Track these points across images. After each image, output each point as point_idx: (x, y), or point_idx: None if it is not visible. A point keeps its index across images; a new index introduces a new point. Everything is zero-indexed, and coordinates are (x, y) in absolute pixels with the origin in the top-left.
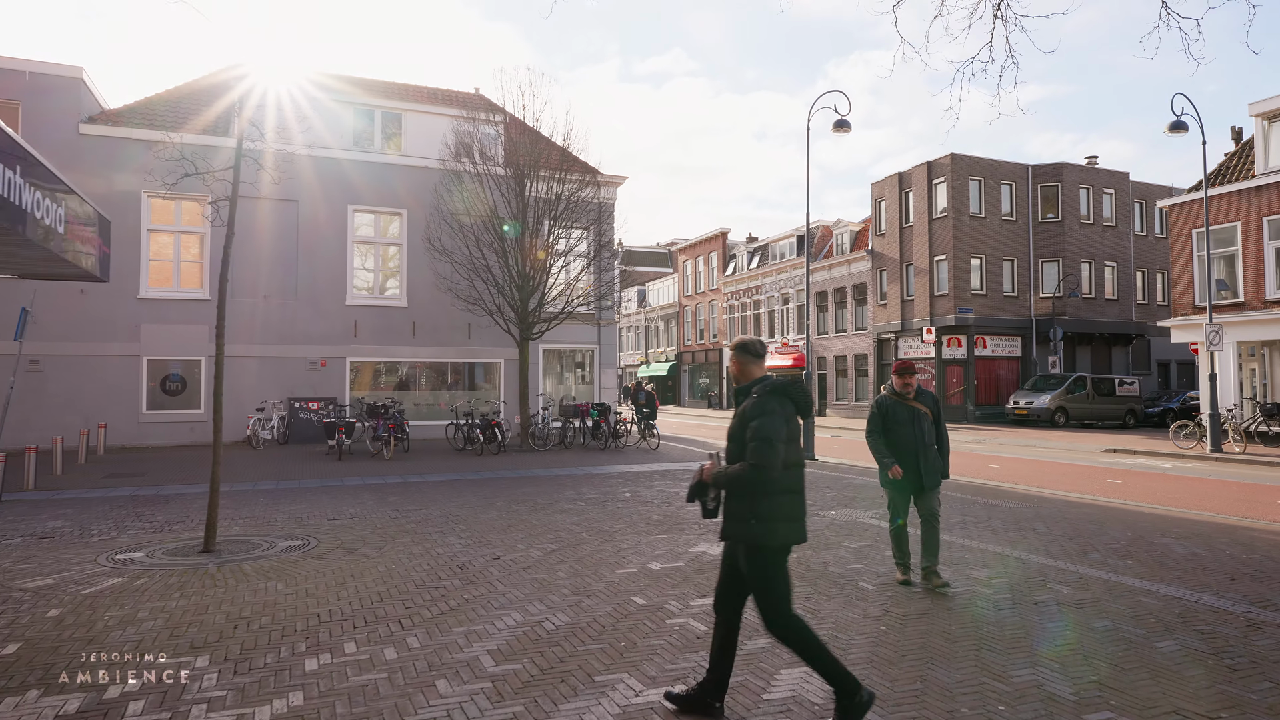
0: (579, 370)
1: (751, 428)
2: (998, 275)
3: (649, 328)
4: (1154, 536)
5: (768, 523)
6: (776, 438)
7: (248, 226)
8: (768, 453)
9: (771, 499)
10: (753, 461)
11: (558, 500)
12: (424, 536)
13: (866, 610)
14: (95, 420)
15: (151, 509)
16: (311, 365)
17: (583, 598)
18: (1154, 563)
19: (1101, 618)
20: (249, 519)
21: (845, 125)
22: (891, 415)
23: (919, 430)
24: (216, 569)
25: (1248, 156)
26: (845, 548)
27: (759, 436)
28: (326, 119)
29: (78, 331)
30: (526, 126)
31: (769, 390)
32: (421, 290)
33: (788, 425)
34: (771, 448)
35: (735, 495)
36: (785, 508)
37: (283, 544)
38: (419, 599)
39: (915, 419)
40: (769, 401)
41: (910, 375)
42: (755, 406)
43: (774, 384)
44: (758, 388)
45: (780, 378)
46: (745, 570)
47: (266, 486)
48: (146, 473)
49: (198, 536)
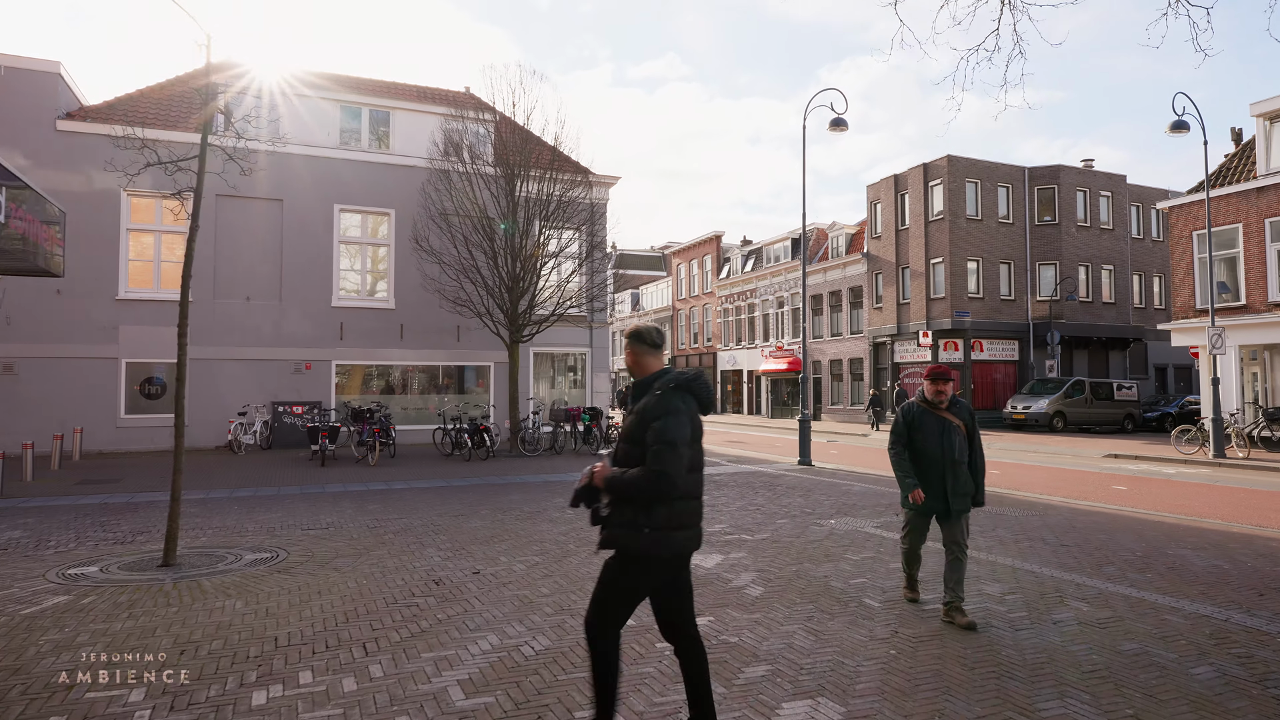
0: (571, 374)
1: (653, 429)
2: (994, 278)
3: None
4: (1169, 547)
5: (663, 532)
6: (680, 440)
7: (231, 225)
8: (671, 458)
9: (670, 506)
10: (655, 467)
11: (545, 508)
12: (401, 548)
13: (874, 631)
14: (71, 425)
15: (118, 518)
16: (296, 368)
17: (566, 617)
18: (1174, 576)
19: (1128, 639)
20: (219, 529)
21: (842, 124)
22: (919, 426)
23: (949, 445)
24: (173, 585)
25: (1248, 157)
26: (847, 560)
27: (662, 440)
28: (313, 116)
29: (54, 333)
30: (517, 125)
31: (671, 386)
32: (410, 292)
33: (692, 425)
34: (675, 452)
35: (629, 501)
36: (683, 515)
37: (249, 556)
38: (388, 619)
39: (946, 432)
40: (672, 399)
41: (945, 382)
42: (657, 405)
43: (677, 379)
44: (659, 383)
45: (682, 372)
46: (609, 573)
47: (244, 494)
48: (121, 479)
49: (160, 549)
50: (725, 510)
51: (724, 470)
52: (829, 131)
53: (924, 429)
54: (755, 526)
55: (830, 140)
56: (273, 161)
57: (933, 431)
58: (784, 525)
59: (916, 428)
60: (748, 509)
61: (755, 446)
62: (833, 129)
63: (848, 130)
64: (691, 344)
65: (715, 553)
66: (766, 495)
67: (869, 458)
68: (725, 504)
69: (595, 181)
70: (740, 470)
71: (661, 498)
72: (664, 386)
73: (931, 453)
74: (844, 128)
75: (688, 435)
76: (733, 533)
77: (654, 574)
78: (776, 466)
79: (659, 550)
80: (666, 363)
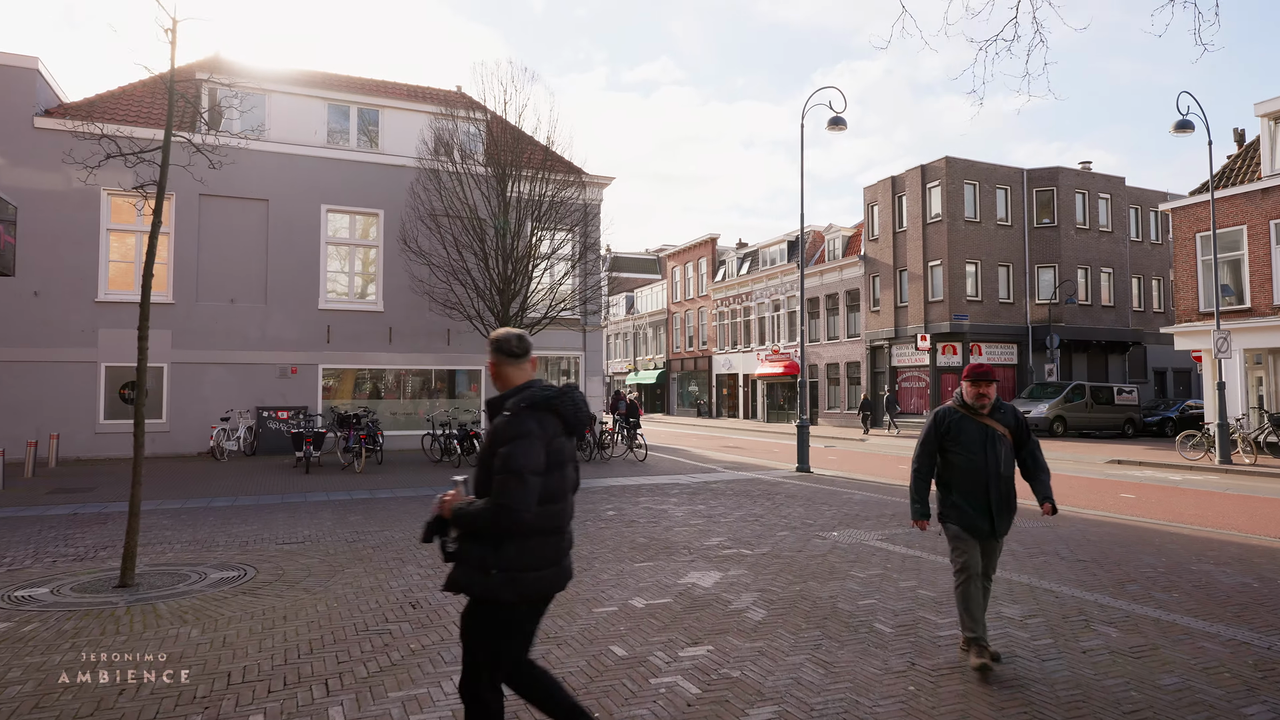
0: (564, 378)
1: (500, 455)
2: (993, 281)
3: (637, 335)
4: (1191, 562)
5: (512, 573)
6: (530, 468)
7: (214, 226)
8: (517, 491)
9: (522, 544)
10: (498, 500)
11: None
12: (379, 565)
13: (888, 663)
14: (48, 430)
15: (84, 531)
16: (282, 372)
17: (552, 647)
18: (1203, 596)
19: (1166, 671)
20: (189, 542)
21: (840, 123)
22: (957, 435)
23: (994, 456)
24: (125, 610)
25: (1252, 158)
26: (854, 578)
27: (508, 468)
28: (299, 114)
29: (30, 336)
30: (508, 124)
31: (527, 405)
32: (399, 294)
33: (550, 450)
34: (523, 483)
35: (475, 538)
36: (538, 553)
37: (215, 575)
38: (357, 650)
39: (990, 441)
40: (525, 421)
41: (987, 384)
42: (507, 427)
43: (535, 396)
44: (513, 401)
45: (546, 387)
46: (468, 623)
47: (221, 503)
48: (96, 487)
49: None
50: (723, 521)
51: (721, 477)
52: (827, 131)
53: (963, 439)
54: (755, 539)
55: (824, 144)
56: (258, 160)
57: (974, 441)
58: (785, 538)
59: (953, 438)
60: (746, 520)
61: (752, 452)
62: (831, 128)
63: (846, 129)
64: (687, 348)
65: (713, 569)
66: (765, 504)
67: (869, 464)
68: (723, 514)
69: (589, 182)
70: (737, 477)
71: (509, 534)
72: (517, 405)
73: (974, 466)
74: (843, 126)
75: (540, 462)
76: (731, 546)
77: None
78: (774, 473)
79: (507, 594)
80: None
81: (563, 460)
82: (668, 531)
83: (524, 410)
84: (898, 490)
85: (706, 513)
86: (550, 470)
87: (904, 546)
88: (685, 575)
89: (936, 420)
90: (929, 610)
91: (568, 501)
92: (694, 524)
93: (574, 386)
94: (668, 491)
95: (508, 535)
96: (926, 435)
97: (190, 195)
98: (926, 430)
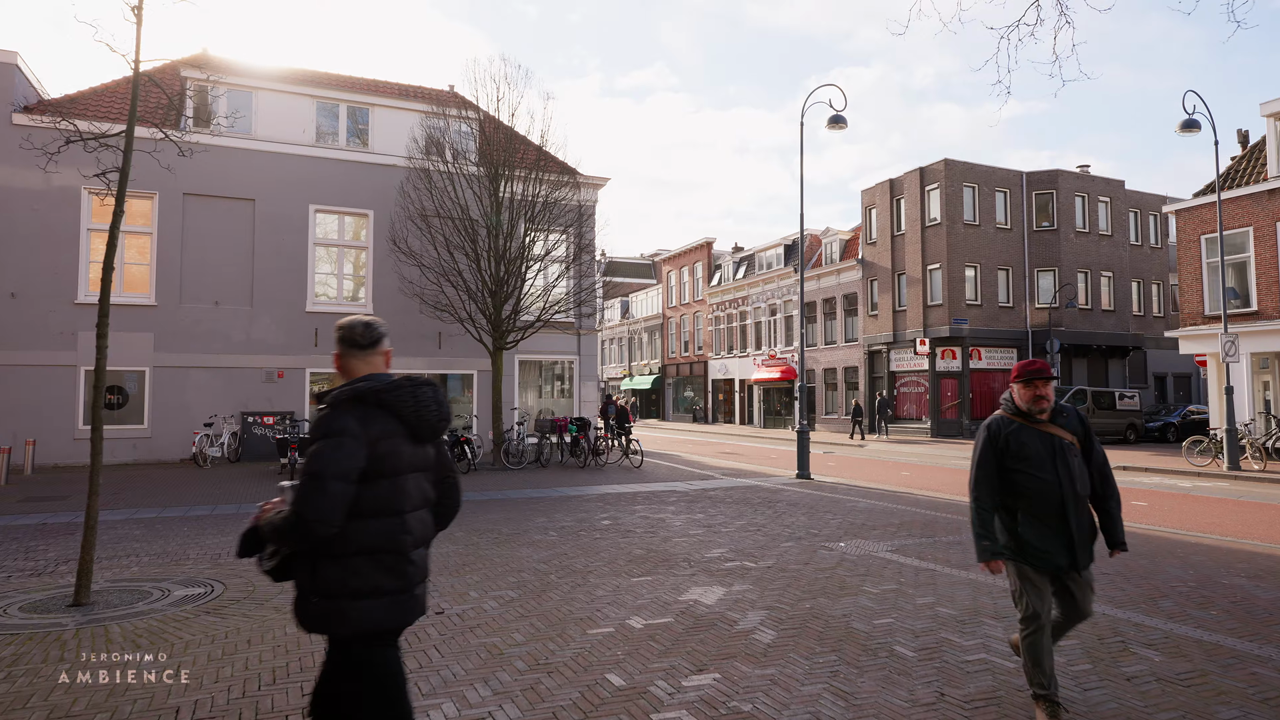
0: (558, 383)
1: (307, 455)
2: (993, 285)
3: (632, 340)
4: (1221, 575)
5: (337, 601)
6: (334, 473)
7: (199, 226)
8: (315, 497)
9: (341, 564)
10: (293, 508)
11: (526, 529)
12: None
13: (914, 693)
14: (24, 436)
15: (49, 542)
16: (268, 377)
17: (542, 675)
18: (1242, 614)
19: (1222, 702)
20: (157, 555)
21: (841, 121)
22: (1016, 448)
23: (1065, 470)
24: (75, 633)
25: (1257, 159)
26: (866, 594)
27: (307, 471)
28: (288, 112)
29: (7, 339)
30: (501, 123)
31: (349, 397)
32: (389, 297)
33: (376, 455)
34: (322, 489)
35: (297, 557)
36: (366, 577)
37: (179, 593)
38: None
39: (1058, 453)
40: (341, 417)
41: (1045, 384)
42: (321, 422)
43: (360, 388)
44: (334, 393)
45: (376, 378)
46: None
47: (200, 512)
48: (69, 496)
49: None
50: (724, 531)
51: (719, 484)
52: (826, 130)
53: (1026, 452)
54: (758, 551)
55: (817, 150)
56: (244, 159)
57: (1041, 455)
58: (789, 549)
59: (1014, 453)
60: (748, 529)
61: (750, 458)
62: (831, 126)
63: (847, 127)
64: (682, 353)
65: (716, 584)
66: (767, 513)
67: (870, 470)
68: (723, 524)
69: (583, 182)
70: (736, 484)
71: (319, 551)
72: (337, 400)
73: (1044, 486)
74: (843, 125)
75: (351, 466)
76: (734, 558)
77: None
78: (774, 480)
79: (334, 627)
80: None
81: (398, 468)
82: (666, 542)
83: (344, 404)
84: (903, 498)
85: (706, 522)
86: (376, 478)
87: (916, 559)
88: (686, 591)
89: (991, 434)
90: (951, 630)
91: (410, 519)
92: (693, 534)
93: (426, 381)
94: (665, 499)
95: (325, 555)
96: (982, 454)
97: (174, 194)
98: (981, 448)
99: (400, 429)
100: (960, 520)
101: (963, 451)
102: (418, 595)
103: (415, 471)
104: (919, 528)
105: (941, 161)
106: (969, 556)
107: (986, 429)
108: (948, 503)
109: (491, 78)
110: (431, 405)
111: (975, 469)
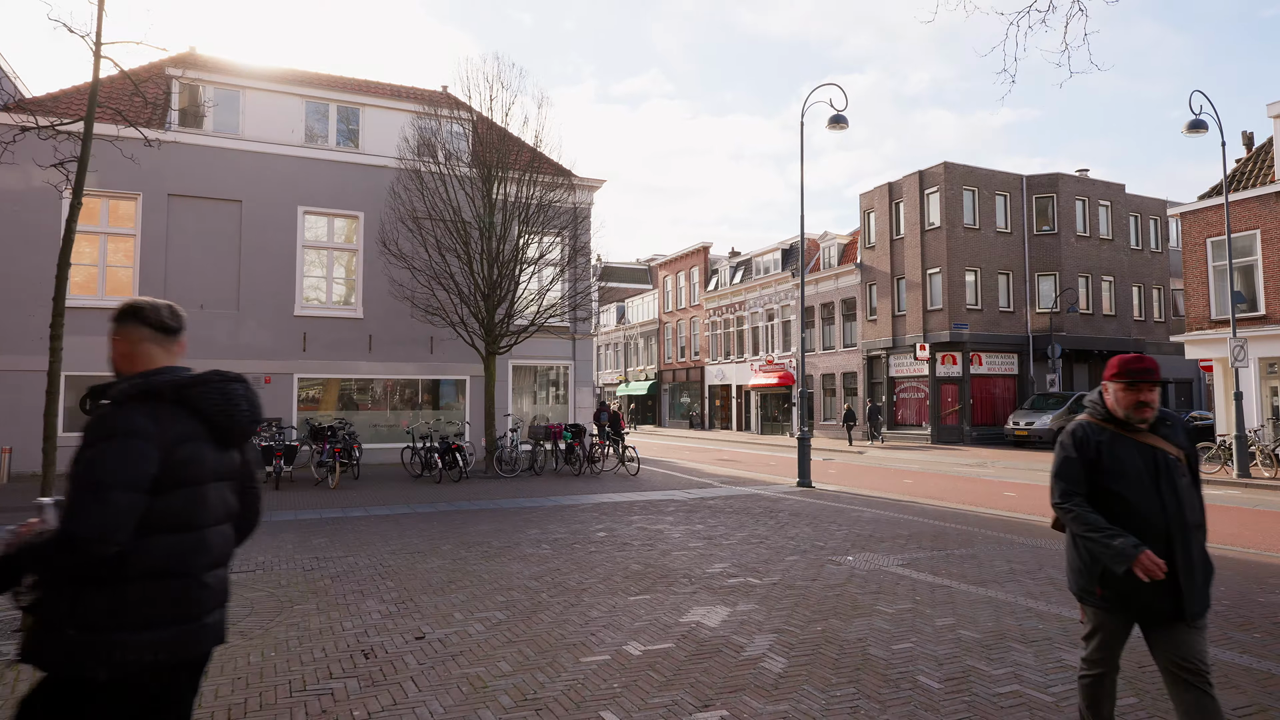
0: (553, 388)
1: (81, 461)
2: (993, 289)
3: (628, 345)
4: (1255, 593)
5: (100, 634)
6: (119, 481)
7: (183, 227)
8: (92, 511)
9: (113, 591)
10: (62, 525)
11: (518, 542)
12: (335, 599)
13: None
14: (1, 443)
15: None
16: (255, 382)
17: (529, 713)
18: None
19: None
20: None
21: (842, 120)
22: (1111, 465)
23: (1172, 493)
24: (11, 665)
25: (1264, 161)
26: (881, 614)
27: (84, 480)
28: (276, 112)
29: None
30: (495, 124)
31: (140, 392)
32: (379, 301)
33: (173, 461)
34: (101, 501)
35: (51, 583)
36: (150, 604)
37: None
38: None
39: (1162, 471)
40: (130, 415)
41: (1151, 389)
42: (102, 422)
43: (157, 384)
44: (119, 388)
45: (181, 373)
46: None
47: None
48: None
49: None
50: (725, 544)
51: (718, 493)
52: (828, 130)
53: (1122, 469)
54: (762, 566)
55: (813, 156)
56: (231, 160)
57: (1140, 473)
58: (795, 564)
59: (1107, 469)
60: (750, 541)
61: (748, 465)
62: (832, 126)
63: (848, 127)
64: (679, 358)
65: (719, 603)
66: (769, 524)
67: (872, 478)
68: (724, 535)
69: (579, 184)
70: (736, 493)
71: (94, 576)
72: (123, 395)
73: (1143, 509)
74: (844, 125)
75: (141, 473)
76: (737, 574)
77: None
78: (774, 489)
79: (89, 667)
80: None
81: (199, 476)
82: (665, 556)
83: (133, 400)
84: (909, 507)
85: (706, 533)
86: (171, 488)
87: (930, 574)
88: (688, 611)
89: (1078, 443)
90: (977, 657)
91: (210, 534)
92: (693, 546)
93: (236, 377)
94: (663, 509)
95: (92, 580)
96: (1068, 469)
97: (158, 195)
98: (1066, 463)
99: (203, 432)
100: (972, 531)
101: (964, 459)
102: (209, 624)
103: (219, 480)
104: (929, 540)
105: (941, 165)
106: (984, 572)
107: (1071, 437)
108: (955, 512)
109: (485, 77)
110: (243, 404)
111: (1060, 480)
